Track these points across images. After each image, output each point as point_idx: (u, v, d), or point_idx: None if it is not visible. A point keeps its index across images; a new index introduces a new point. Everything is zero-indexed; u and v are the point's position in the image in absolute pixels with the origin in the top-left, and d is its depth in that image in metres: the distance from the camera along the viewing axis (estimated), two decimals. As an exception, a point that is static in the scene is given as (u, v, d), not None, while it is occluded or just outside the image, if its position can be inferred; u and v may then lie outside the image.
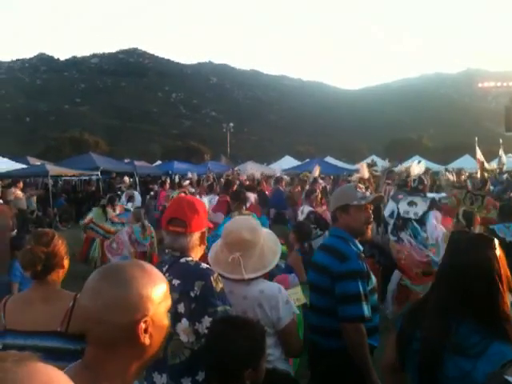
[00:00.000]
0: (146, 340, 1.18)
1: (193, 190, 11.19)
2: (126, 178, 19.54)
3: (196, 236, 2.43)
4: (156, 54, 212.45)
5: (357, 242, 2.91)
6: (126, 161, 28.97)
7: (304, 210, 7.48)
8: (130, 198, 12.96)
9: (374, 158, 32.98)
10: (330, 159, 32.77)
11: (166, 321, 1.26)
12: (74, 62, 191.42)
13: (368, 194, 3.04)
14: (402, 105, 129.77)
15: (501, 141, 17.08)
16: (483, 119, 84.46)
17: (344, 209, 2.92)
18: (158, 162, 35.54)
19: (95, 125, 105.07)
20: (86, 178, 25.01)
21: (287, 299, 2.59)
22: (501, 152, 17.06)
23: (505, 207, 6.17)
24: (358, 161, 29.33)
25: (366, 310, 2.67)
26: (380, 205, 6.94)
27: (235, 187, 9.09)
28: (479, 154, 14.12)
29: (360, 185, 3.25)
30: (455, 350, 1.79)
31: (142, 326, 1.17)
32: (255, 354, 1.92)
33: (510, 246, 5.10)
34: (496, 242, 1.94)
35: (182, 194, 7.17)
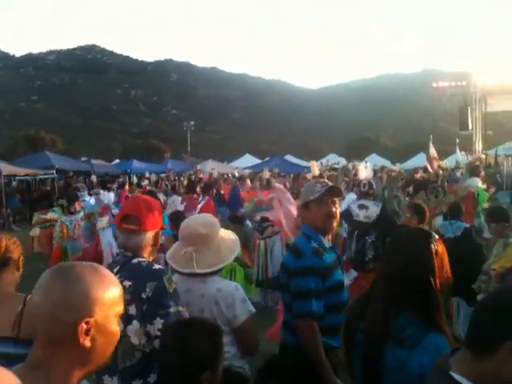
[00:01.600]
0: (87, 342, 1.16)
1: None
2: (94, 177, 19.27)
3: (149, 235, 2.39)
4: (115, 51, 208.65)
5: (321, 237, 2.87)
6: (82, 159, 28.32)
7: (262, 209, 7.52)
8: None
9: (334, 156, 33.57)
10: (290, 157, 33.03)
11: (115, 327, 1.23)
12: (31, 59, 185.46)
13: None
14: (360, 104, 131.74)
15: (457, 140, 17.65)
16: (438, 119, 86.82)
17: (306, 206, 2.93)
18: (117, 161, 34.92)
19: (52, 123, 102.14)
20: (42, 177, 24.36)
21: (244, 297, 2.59)
22: (457, 150, 17.61)
23: (454, 205, 6.37)
24: (318, 159, 29.76)
25: (316, 306, 2.66)
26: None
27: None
28: (432, 151, 14.54)
29: (323, 179, 3.27)
30: (394, 340, 1.85)
31: (84, 326, 1.15)
32: (213, 357, 1.92)
33: (448, 243, 5.24)
34: (434, 236, 2.01)
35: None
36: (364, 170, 8.11)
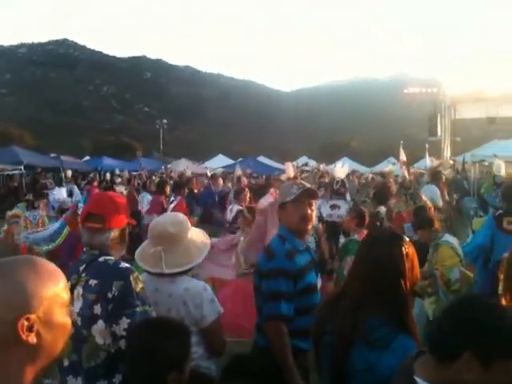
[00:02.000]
0: (31, 339, 1.13)
1: (122, 190, 10.91)
2: (69, 172, 18.99)
3: (115, 233, 2.35)
4: (88, 46, 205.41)
5: (296, 239, 2.87)
6: (52, 155, 27.74)
7: (233, 209, 7.50)
8: (71, 193, 12.50)
9: (306, 158, 33.81)
10: (262, 159, 33.10)
11: (62, 318, 1.20)
12: (1, 52, 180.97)
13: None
14: (333, 108, 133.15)
15: (427, 146, 18.01)
16: (409, 124, 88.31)
17: (282, 206, 2.92)
18: (87, 158, 34.34)
19: (22, 118, 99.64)
20: (9, 173, 23.76)
21: (212, 298, 2.58)
22: (426, 156, 17.95)
23: (417, 210, 6.46)
24: (290, 161, 29.86)
25: (286, 308, 2.65)
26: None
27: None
28: (402, 156, 14.82)
29: (300, 181, 3.27)
30: (363, 342, 1.86)
31: (24, 323, 1.11)
32: (181, 357, 1.91)
33: (415, 246, 5.34)
34: (405, 239, 2.04)
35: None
36: (340, 170, 8.20)
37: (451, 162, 22.30)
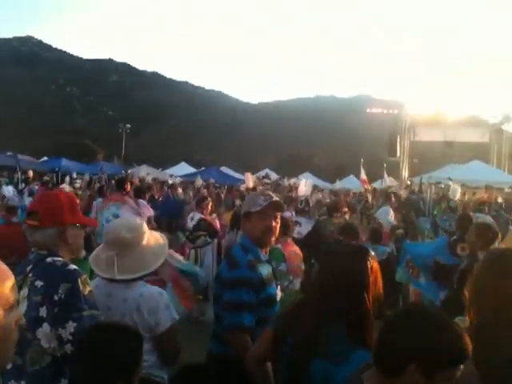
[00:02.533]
0: None
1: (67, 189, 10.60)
2: (31, 172, 18.53)
3: (53, 231, 2.25)
4: (53, 46, 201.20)
5: (259, 250, 2.84)
6: (8, 154, 26.84)
7: (194, 217, 7.44)
8: (31, 194, 12.16)
9: (268, 171, 34.02)
10: (225, 169, 33.09)
11: (6, 321, 1.12)
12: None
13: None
14: (297, 123, 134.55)
15: (385, 165, 18.47)
16: (369, 143, 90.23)
17: (247, 217, 2.89)
18: (45, 158, 33.39)
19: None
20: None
21: (167, 304, 2.52)
22: (385, 175, 18.40)
23: (374, 231, 6.67)
24: (253, 173, 30.01)
25: (248, 320, 2.62)
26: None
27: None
28: (363, 174, 15.13)
29: (268, 192, 3.25)
30: (321, 354, 1.85)
31: None
32: (130, 365, 1.84)
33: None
34: (370, 253, 2.04)
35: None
36: (304, 187, 8.26)
37: (408, 182, 22.93)
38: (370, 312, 1.96)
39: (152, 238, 2.71)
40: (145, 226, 2.72)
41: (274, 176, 27.27)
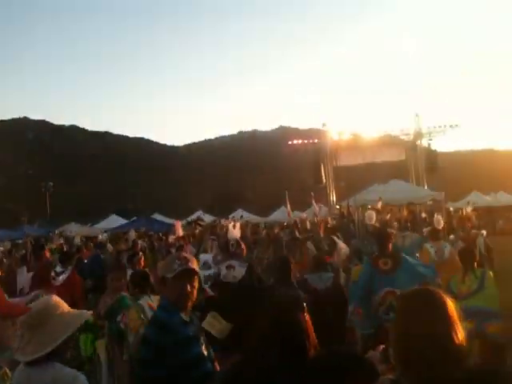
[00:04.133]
0: None
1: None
2: None
3: None
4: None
5: (179, 312, 2.84)
6: None
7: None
8: None
9: (201, 213, 33.89)
10: (158, 216, 32.61)
11: None
12: None
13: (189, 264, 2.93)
14: (225, 160, 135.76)
15: (312, 194, 18.98)
16: (297, 172, 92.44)
17: (162, 281, 2.92)
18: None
19: None
20: None
21: None
22: (313, 202, 18.87)
23: (316, 258, 6.76)
24: (186, 216, 29.78)
25: (210, 367, 2.74)
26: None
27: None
28: (288, 207, 15.49)
29: (184, 254, 3.26)
30: None
31: None
32: None
33: (322, 295, 5.63)
34: (304, 305, 2.11)
35: None
36: (233, 230, 8.24)
37: (337, 207, 23.70)
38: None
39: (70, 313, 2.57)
40: (57, 305, 2.56)
41: (207, 218, 27.22)
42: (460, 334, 1.84)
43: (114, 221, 30.99)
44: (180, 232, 9.05)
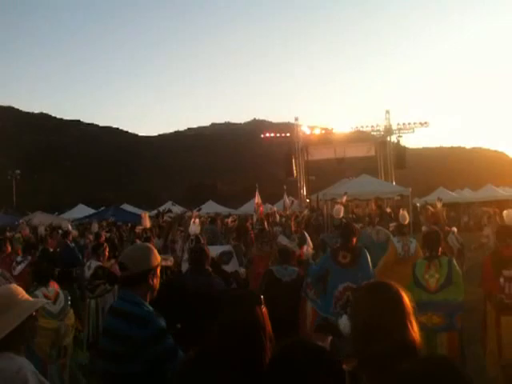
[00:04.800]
0: None
1: None
2: None
3: None
4: None
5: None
6: None
7: (91, 266, 7.18)
8: None
9: (171, 204, 33.62)
10: (127, 206, 32.26)
11: None
12: None
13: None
14: (196, 151, 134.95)
15: (285, 186, 19.10)
16: (269, 165, 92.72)
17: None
18: None
19: None
20: None
21: (25, 380, 2.29)
22: (285, 196, 18.99)
23: (283, 250, 6.73)
24: (157, 207, 29.50)
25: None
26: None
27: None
28: (257, 199, 15.59)
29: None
30: None
31: None
32: None
33: (287, 286, 5.67)
34: (262, 298, 2.06)
35: None
36: (192, 226, 8.16)
37: (308, 200, 23.92)
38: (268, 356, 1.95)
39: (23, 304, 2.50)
40: (15, 294, 2.51)
41: (178, 209, 26.99)
42: (415, 327, 1.87)
43: (82, 211, 30.52)
44: (147, 223, 8.95)
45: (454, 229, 13.04)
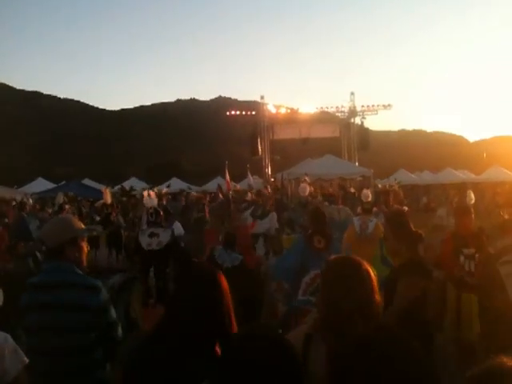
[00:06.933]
0: None
1: None
2: None
3: None
4: None
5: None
6: None
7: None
8: None
9: (135, 180, 33.25)
10: (88, 181, 31.58)
11: None
12: None
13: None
14: (160, 128, 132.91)
15: (248, 165, 19.13)
16: (234, 143, 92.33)
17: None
18: None
19: None
20: None
21: (14, 348, 2.34)
22: (248, 174, 19.05)
23: (228, 235, 6.33)
24: (120, 183, 29.06)
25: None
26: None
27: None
28: (227, 176, 15.57)
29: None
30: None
31: None
32: None
33: (227, 272, 5.59)
34: (221, 275, 2.04)
35: None
36: (148, 199, 8.07)
37: (272, 179, 24.00)
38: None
39: None
40: None
41: (141, 185, 26.69)
42: (378, 298, 2.04)
43: (41, 184, 29.72)
44: (108, 199, 8.84)
45: (405, 208, 13.32)
